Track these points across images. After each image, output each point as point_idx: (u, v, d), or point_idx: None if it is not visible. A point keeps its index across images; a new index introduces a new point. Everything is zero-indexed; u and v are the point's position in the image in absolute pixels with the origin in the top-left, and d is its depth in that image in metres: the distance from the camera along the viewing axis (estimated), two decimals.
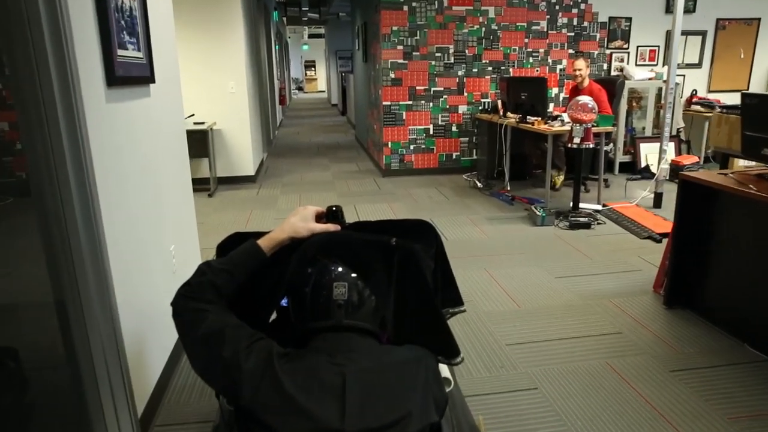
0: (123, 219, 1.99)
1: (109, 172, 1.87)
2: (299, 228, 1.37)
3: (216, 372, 1.15)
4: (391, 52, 6.55)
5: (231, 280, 1.27)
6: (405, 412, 1.10)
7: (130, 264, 2.05)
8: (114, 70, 1.92)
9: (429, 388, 1.18)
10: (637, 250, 4.07)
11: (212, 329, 1.17)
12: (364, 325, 1.24)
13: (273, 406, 1.07)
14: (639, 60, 7.13)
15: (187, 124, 5.84)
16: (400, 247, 1.34)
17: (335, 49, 19.11)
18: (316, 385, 1.09)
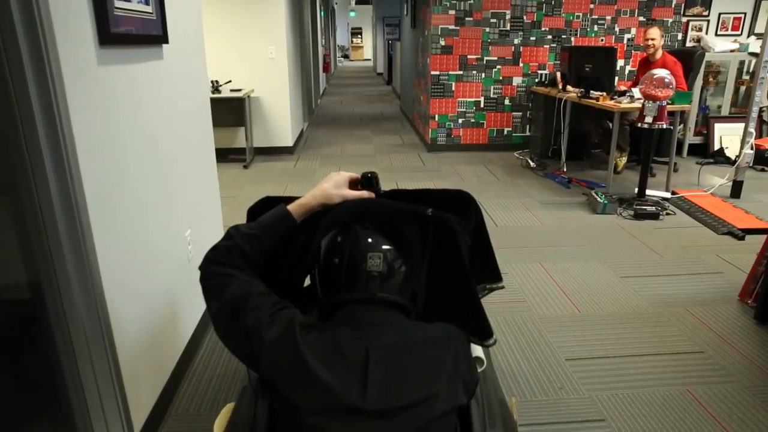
0: (121, 202, 1.68)
1: (101, 147, 1.56)
2: (332, 194, 1.28)
3: (237, 339, 1.09)
4: (442, 17, 6.04)
5: (259, 245, 1.20)
6: (430, 393, 1.02)
7: (130, 255, 1.75)
8: (108, 25, 1.59)
9: (458, 369, 1.09)
10: (715, 248, 3.56)
11: (236, 295, 1.11)
12: (395, 298, 1.15)
13: (292, 377, 1.02)
14: (720, 29, 6.39)
15: (224, 90, 5.57)
16: (437, 219, 1.25)
17: (383, 16, 18.48)
18: (338, 360, 1.03)
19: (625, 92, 4.72)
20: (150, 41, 1.94)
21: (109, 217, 1.60)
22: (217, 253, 1.18)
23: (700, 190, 4.73)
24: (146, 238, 1.88)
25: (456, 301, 1.29)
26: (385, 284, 1.14)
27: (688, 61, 5.33)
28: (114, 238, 1.63)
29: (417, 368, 1.05)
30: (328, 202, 1.28)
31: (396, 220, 1.24)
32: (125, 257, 1.71)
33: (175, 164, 2.19)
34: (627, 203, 4.32)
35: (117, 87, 1.68)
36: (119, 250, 1.67)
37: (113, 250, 1.62)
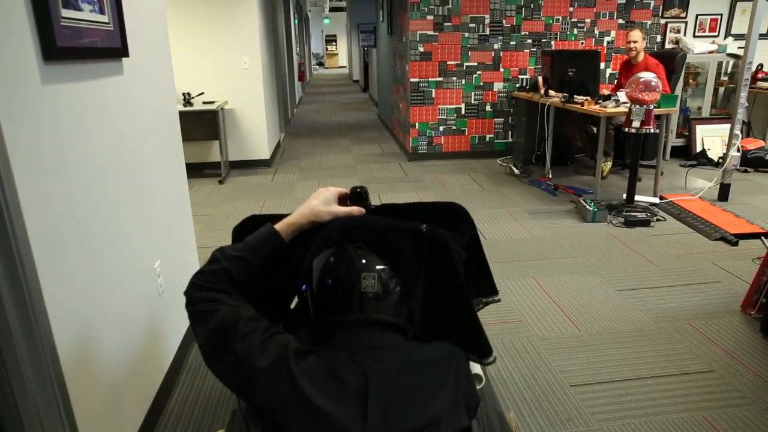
0: (74, 242, 1.47)
1: (46, 179, 1.36)
2: (320, 211, 1.22)
3: (228, 368, 1.01)
4: (420, 22, 5.91)
5: (247, 267, 1.14)
6: (433, 417, 0.98)
7: (87, 301, 1.54)
8: (54, 38, 1.39)
9: (459, 389, 1.04)
10: (709, 255, 3.46)
11: (225, 321, 1.04)
12: (392, 319, 1.09)
13: (288, 407, 0.96)
14: (698, 30, 6.38)
15: (196, 103, 5.35)
16: (431, 235, 1.20)
17: (357, 23, 18.36)
18: (336, 387, 0.97)
19: (610, 96, 4.62)
20: (107, 55, 1.74)
21: (58, 260, 1.39)
22: (202, 277, 1.11)
23: (687, 194, 4.65)
24: (107, 279, 1.67)
25: (454, 319, 1.25)
26: (380, 305, 1.09)
27: (670, 63, 5.27)
28: (67, 286, 1.42)
29: (418, 392, 1.00)
30: (317, 219, 1.22)
31: (389, 237, 1.18)
32: (81, 305, 1.50)
33: (139, 190, 1.98)
34: (616, 210, 4.21)
35: (66, 108, 1.47)
36: (74, 298, 1.46)
37: (66, 300, 1.42)
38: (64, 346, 1.38)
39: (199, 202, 4.80)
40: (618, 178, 5.37)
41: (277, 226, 1.20)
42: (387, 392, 0.98)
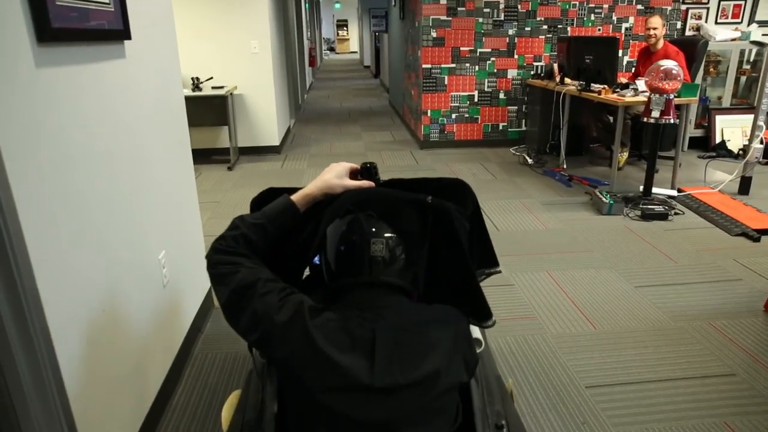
0: (67, 230, 1.41)
1: (41, 169, 1.29)
2: (333, 184, 1.31)
3: (247, 324, 1.10)
4: (433, 7, 5.76)
5: (264, 234, 1.23)
6: (433, 370, 1.07)
7: (86, 293, 1.48)
8: (48, 18, 1.31)
9: (459, 348, 1.14)
10: (730, 251, 3.35)
11: (245, 282, 1.12)
12: (398, 281, 1.18)
13: (303, 359, 1.04)
14: (720, 17, 6.18)
15: (205, 88, 5.27)
16: (436, 206, 1.28)
17: (369, 8, 18.15)
18: (346, 341, 1.06)
19: (628, 85, 4.49)
20: (107, 37, 1.66)
21: (54, 251, 1.33)
22: (223, 242, 1.20)
23: (707, 187, 4.52)
24: (108, 271, 1.61)
25: (455, 284, 1.33)
26: (387, 269, 1.17)
27: (691, 50, 5.11)
28: (64, 279, 1.36)
29: (420, 347, 1.08)
30: (330, 191, 1.30)
31: (397, 208, 1.25)
32: (79, 298, 1.44)
33: (142, 179, 1.91)
34: (633, 203, 4.10)
35: (62, 92, 1.40)
36: (71, 291, 1.40)
37: (63, 292, 1.35)
38: (61, 339, 1.32)
39: (207, 189, 4.74)
40: (634, 169, 5.24)
41: (293, 197, 1.29)
42: (392, 347, 1.06)
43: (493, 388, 1.37)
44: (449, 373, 1.09)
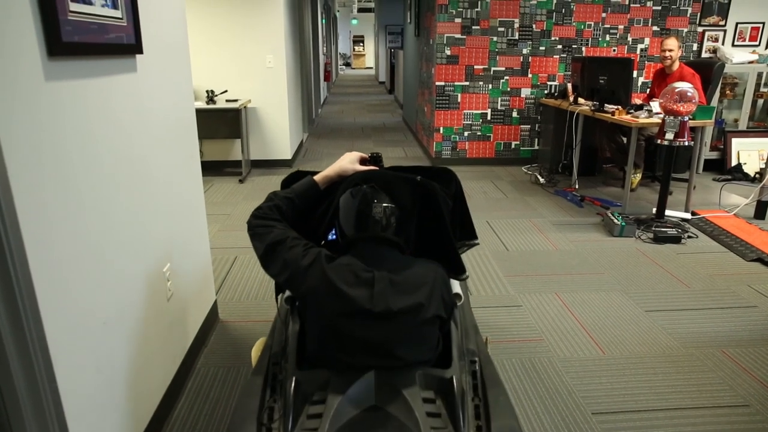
0: (70, 243, 1.41)
1: (44, 182, 1.29)
2: (347, 168, 1.67)
3: (278, 268, 1.45)
4: (448, 25, 5.79)
5: (292, 205, 1.61)
6: (418, 303, 1.40)
7: (84, 308, 1.47)
8: (59, 33, 1.32)
9: (438, 289, 1.47)
10: (745, 277, 3.29)
11: (278, 238, 1.49)
12: (393, 238, 1.49)
13: (320, 292, 1.39)
14: (738, 39, 6.14)
15: (219, 101, 5.32)
16: (423, 184, 1.62)
17: (385, 24, 18.32)
18: (353, 279, 1.39)
19: (642, 106, 4.46)
20: (118, 51, 1.68)
21: (56, 265, 1.33)
22: (260, 211, 1.57)
23: (721, 211, 4.46)
24: (111, 285, 1.61)
25: (437, 244, 1.67)
26: (385, 228, 1.48)
27: (707, 72, 5.07)
28: (65, 293, 1.36)
29: (408, 285, 1.42)
30: (344, 174, 1.67)
31: (393, 184, 1.56)
32: (80, 312, 1.44)
33: (149, 192, 1.92)
34: (645, 225, 4.05)
35: (71, 106, 1.41)
36: (72, 305, 1.39)
37: (63, 306, 1.35)
38: (59, 352, 1.31)
39: (217, 201, 4.77)
40: (647, 190, 5.19)
41: (315, 177, 1.68)
42: (387, 284, 1.40)
43: (470, 333, 1.71)
44: (430, 307, 1.44)
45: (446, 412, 1.37)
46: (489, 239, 3.88)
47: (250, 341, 2.56)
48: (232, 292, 3.07)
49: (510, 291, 3.08)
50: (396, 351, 1.42)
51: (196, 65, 5.48)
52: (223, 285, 3.15)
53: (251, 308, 2.88)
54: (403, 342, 1.42)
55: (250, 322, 2.75)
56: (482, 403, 1.44)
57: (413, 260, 1.52)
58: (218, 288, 3.11)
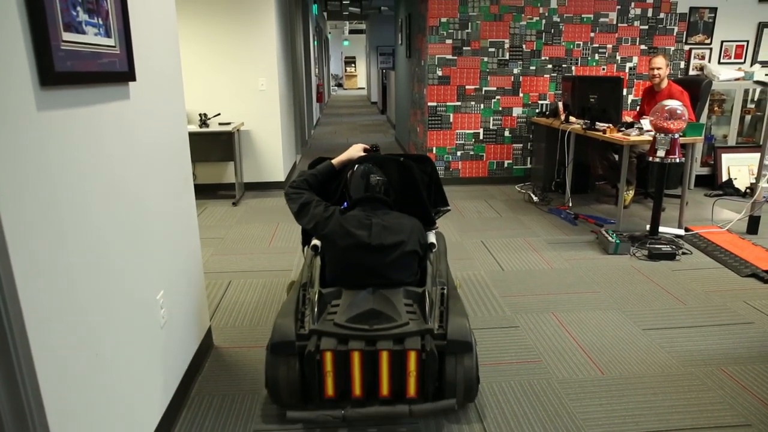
0: (61, 273, 1.38)
1: (34, 204, 1.27)
2: (354, 154, 2.60)
3: (309, 219, 2.31)
4: (439, 46, 5.86)
5: (316, 179, 2.50)
6: (401, 240, 2.25)
7: (75, 339, 1.45)
8: (52, 62, 1.32)
9: (414, 233, 2.32)
10: (740, 293, 3.29)
11: (307, 200, 2.36)
12: (383, 198, 2.38)
13: (337, 232, 2.24)
14: (723, 57, 6.23)
15: (212, 124, 5.33)
16: (405, 163, 2.55)
17: (376, 45, 18.52)
18: (358, 224, 2.24)
19: (633, 124, 4.49)
20: (111, 79, 1.67)
21: (45, 295, 1.30)
22: (294, 183, 2.43)
23: (715, 227, 4.48)
24: (102, 315, 1.58)
25: (414, 204, 2.53)
26: (379, 191, 2.37)
27: (695, 90, 5.13)
28: (55, 323, 1.33)
29: (395, 228, 2.25)
30: (352, 158, 2.57)
31: (384, 163, 2.51)
32: (71, 343, 1.41)
33: (142, 219, 1.90)
34: (640, 242, 4.06)
35: (63, 134, 1.40)
36: (63, 335, 1.37)
37: (53, 337, 1.32)
38: (49, 385, 1.28)
39: (211, 225, 4.74)
40: (640, 207, 5.21)
41: (332, 161, 2.57)
42: (381, 227, 2.22)
43: (442, 271, 2.43)
44: (409, 243, 2.27)
45: (419, 312, 2.14)
46: (484, 259, 3.87)
47: (246, 368, 2.52)
48: (226, 317, 3.03)
49: (506, 311, 3.07)
50: (386, 273, 2.25)
51: (189, 88, 5.50)
52: (217, 310, 3.11)
53: (246, 333, 2.85)
54: (391, 267, 2.26)
55: (245, 347, 2.71)
56: (446, 310, 2.16)
57: (398, 214, 2.39)
58: (212, 313, 3.07)
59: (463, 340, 2.03)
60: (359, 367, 2.00)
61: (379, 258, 2.21)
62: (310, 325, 2.07)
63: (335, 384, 2.02)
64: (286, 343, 2.04)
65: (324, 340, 2.02)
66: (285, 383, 2.06)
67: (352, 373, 2.01)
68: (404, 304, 2.13)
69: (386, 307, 2.09)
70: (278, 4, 5.89)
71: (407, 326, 2.03)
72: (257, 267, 3.76)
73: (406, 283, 2.26)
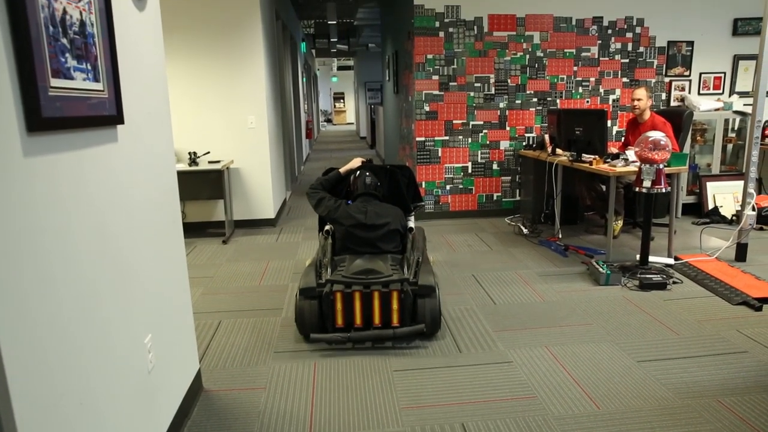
0: (43, 320, 1.36)
1: (18, 248, 1.25)
2: (355, 165, 3.73)
3: (323, 209, 3.45)
4: (426, 82, 5.96)
5: (329, 182, 3.66)
6: (387, 221, 3.36)
7: (58, 388, 1.41)
8: (40, 107, 1.32)
9: (397, 218, 3.43)
10: (733, 322, 3.29)
11: (322, 197, 3.51)
12: (375, 193, 3.55)
13: (343, 216, 3.36)
14: (702, 88, 6.39)
15: (202, 162, 5.34)
16: (390, 169, 3.74)
17: (364, 81, 18.81)
18: (358, 210, 3.37)
19: (618, 155, 4.56)
20: (99, 123, 1.67)
21: (27, 344, 1.27)
22: (313, 186, 3.62)
23: (703, 255, 4.50)
24: (88, 363, 1.55)
25: (397, 198, 3.67)
26: (372, 188, 3.56)
27: (677, 120, 5.24)
28: (37, 373, 1.30)
29: (383, 213, 3.39)
30: (353, 167, 3.73)
31: (376, 169, 3.70)
32: (54, 393, 1.37)
33: (130, 264, 1.88)
34: (630, 272, 4.07)
35: (50, 179, 1.39)
36: (45, 385, 1.33)
37: (35, 387, 1.29)
38: None
39: (200, 264, 4.70)
40: (629, 237, 5.24)
41: (340, 170, 3.72)
42: (373, 213, 3.37)
43: (419, 247, 3.46)
44: (393, 224, 3.39)
45: (400, 269, 3.15)
46: (476, 293, 3.86)
47: (237, 412, 2.46)
48: (216, 359, 2.98)
49: (500, 347, 3.04)
50: (378, 244, 3.34)
51: (179, 126, 5.53)
52: (206, 352, 3.06)
53: (236, 375, 2.79)
54: (381, 240, 3.35)
55: (236, 390, 2.65)
56: (418, 269, 3.17)
57: (386, 204, 3.52)
58: (202, 355, 3.02)
59: (429, 285, 3.04)
60: (359, 304, 3.01)
61: (372, 233, 3.35)
62: (327, 277, 3.08)
63: (344, 317, 3.02)
64: (310, 288, 3.03)
65: (335, 285, 3.01)
66: (309, 316, 3.03)
67: (354, 308, 3.02)
68: (390, 265, 3.17)
69: (377, 265, 3.11)
70: (267, 42, 5.99)
71: (391, 276, 3.04)
72: (247, 306, 3.71)
73: (392, 252, 3.37)
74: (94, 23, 1.65)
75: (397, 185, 3.69)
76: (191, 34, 5.47)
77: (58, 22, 1.43)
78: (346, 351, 3.01)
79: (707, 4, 6.17)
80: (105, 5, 1.73)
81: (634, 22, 6.09)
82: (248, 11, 5.50)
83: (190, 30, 5.47)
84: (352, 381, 2.71)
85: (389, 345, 3.04)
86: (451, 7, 5.83)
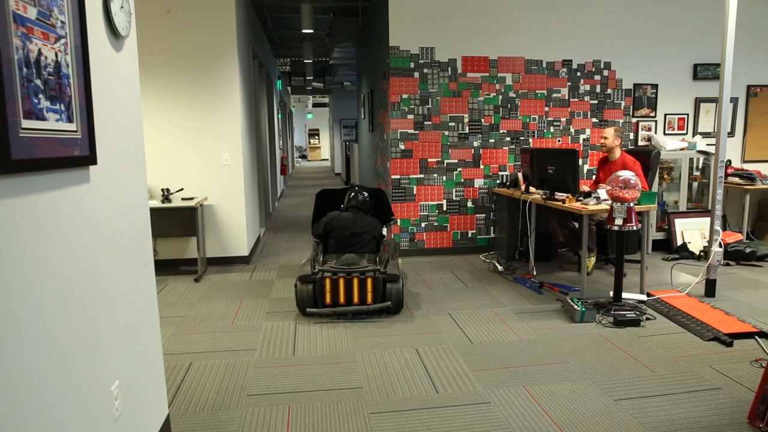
0: (5, 372, 1.29)
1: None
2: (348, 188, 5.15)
3: (323, 227, 4.68)
4: (401, 121, 6.04)
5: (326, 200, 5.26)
6: (368, 229, 4.68)
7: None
8: (9, 150, 1.29)
9: (377, 227, 4.78)
10: (705, 358, 3.32)
11: (317, 227, 4.78)
12: (362, 207, 4.80)
13: (336, 225, 4.62)
14: (668, 129, 6.61)
15: (175, 199, 5.27)
16: (374, 191, 5.09)
17: (339, 118, 19.00)
18: (348, 220, 4.64)
19: (590, 193, 4.65)
20: (72, 164, 1.64)
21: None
22: (313, 230, 4.87)
23: (674, 291, 4.58)
24: (50, 412, 1.47)
25: (379, 213, 5.01)
26: (362, 203, 4.82)
27: (646, 159, 5.39)
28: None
29: (365, 224, 4.67)
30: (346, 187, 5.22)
31: (364, 189, 4.97)
32: None
33: (98, 307, 1.82)
34: (605, 309, 4.10)
35: (18, 222, 1.35)
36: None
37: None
38: None
39: (172, 302, 4.59)
40: (602, 273, 5.31)
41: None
42: (360, 222, 4.64)
43: (390, 249, 4.67)
44: (374, 232, 4.70)
45: (374, 264, 4.25)
46: (452, 332, 3.84)
47: None
48: (186, 403, 2.87)
49: (477, 387, 3.01)
50: (360, 246, 4.57)
51: (152, 162, 5.47)
52: (176, 396, 2.95)
53: (208, 420, 2.70)
54: (363, 243, 4.58)
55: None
56: (388, 264, 4.27)
57: (369, 217, 4.74)
58: (171, 399, 2.91)
59: (394, 274, 4.15)
60: (343, 287, 4.09)
61: (356, 239, 4.56)
62: (319, 268, 4.13)
63: (331, 296, 4.10)
64: (306, 276, 4.13)
65: (325, 273, 4.08)
66: (306, 297, 4.12)
67: (339, 290, 4.09)
68: (366, 261, 4.31)
69: (358, 261, 4.25)
70: (243, 80, 6.02)
71: (367, 267, 4.12)
72: (220, 347, 3.62)
73: (370, 252, 4.57)
74: (70, 64, 1.64)
75: (380, 203, 5.04)
76: (168, 71, 5.48)
77: (32, 63, 1.41)
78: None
79: (669, 50, 6.45)
80: (81, 45, 1.72)
81: (602, 65, 6.32)
82: (225, 49, 5.54)
83: (167, 67, 5.47)
84: (327, 424, 2.63)
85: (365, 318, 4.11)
86: (426, 48, 5.98)
